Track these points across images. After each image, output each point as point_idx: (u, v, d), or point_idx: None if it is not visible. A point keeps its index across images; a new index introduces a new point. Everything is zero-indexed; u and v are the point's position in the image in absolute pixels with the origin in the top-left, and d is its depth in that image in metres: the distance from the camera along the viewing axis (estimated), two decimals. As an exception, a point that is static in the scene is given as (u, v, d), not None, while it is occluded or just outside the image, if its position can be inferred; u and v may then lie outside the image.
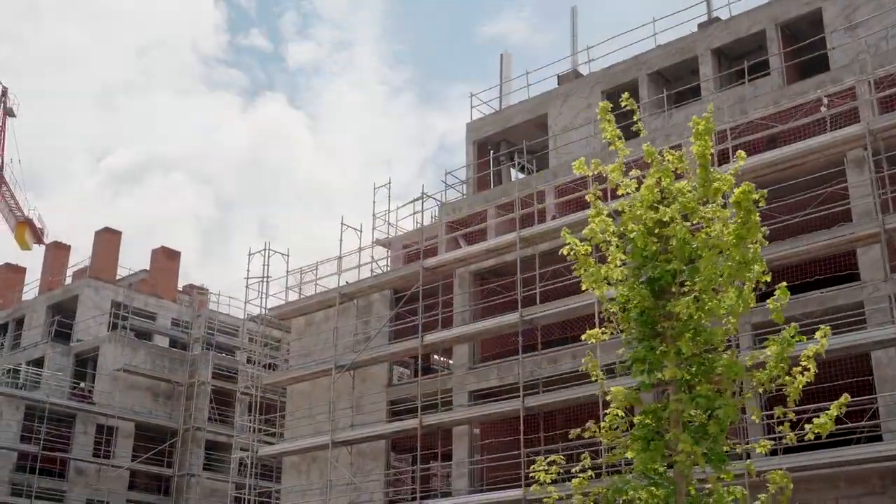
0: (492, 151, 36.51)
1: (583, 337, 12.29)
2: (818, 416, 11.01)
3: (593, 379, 12.07)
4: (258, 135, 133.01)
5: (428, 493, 28.60)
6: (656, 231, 11.30)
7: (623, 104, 13.46)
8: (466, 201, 33.21)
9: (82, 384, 45.76)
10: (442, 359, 33.63)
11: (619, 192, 11.97)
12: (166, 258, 52.62)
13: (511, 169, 36.89)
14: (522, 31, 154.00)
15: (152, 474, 46.39)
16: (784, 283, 11.39)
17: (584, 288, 11.75)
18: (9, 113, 70.69)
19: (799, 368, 11.08)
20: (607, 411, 11.63)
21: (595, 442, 25.25)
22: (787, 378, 10.95)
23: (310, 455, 31.13)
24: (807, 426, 11.01)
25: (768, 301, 11.43)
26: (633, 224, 11.23)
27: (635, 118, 13.07)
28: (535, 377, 26.29)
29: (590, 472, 12.01)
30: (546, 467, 12.51)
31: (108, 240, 50.69)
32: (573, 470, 12.43)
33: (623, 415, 11.48)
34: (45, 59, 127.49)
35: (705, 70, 30.60)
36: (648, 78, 31.88)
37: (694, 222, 11.40)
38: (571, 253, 11.62)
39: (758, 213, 11.11)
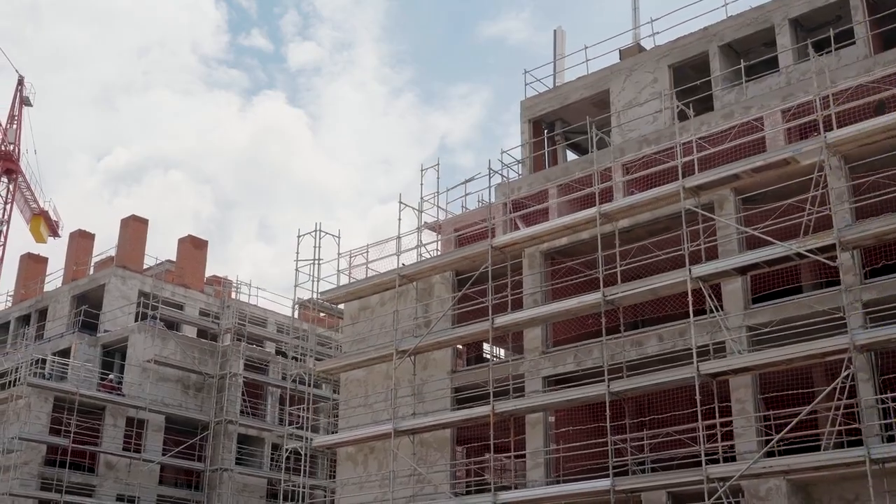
0: (546, 131, 34.73)
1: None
2: None
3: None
4: (258, 133, 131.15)
5: (499, 485, 26.70)
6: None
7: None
8: (525, 180, 31.35)
9: (111, 376, 43.78)
10: (493, 347, 31.77)
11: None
12: (193, 247, 50.69)
13: (566, 149, 35.07)
14: (523, 32, 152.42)
15: (183, 468, 44.45)
16: None
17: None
18: (25, 102, 68.78)
19: None
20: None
21: (691, 428, 23.63)
22: None
23: (367, 446, 29.24)
24: None
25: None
26: None
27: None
28: (620, 360, 24.43)
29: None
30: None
31: (134, 228, 48.77)
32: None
33: None
34: (46, 59, 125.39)
35: (783, 40, 28.80)
36: (720, 50, 30.10)
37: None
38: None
39: None
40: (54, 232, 71.99)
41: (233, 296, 49.76)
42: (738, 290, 23.65)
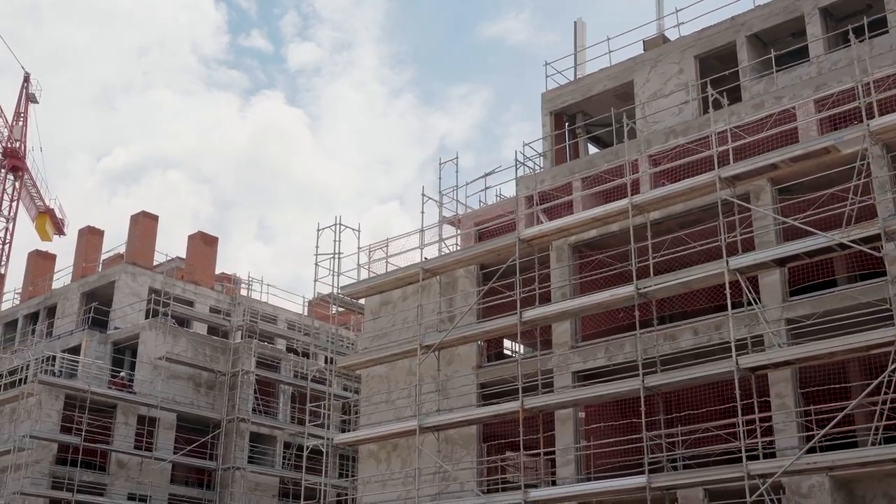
0: (567, 123, 34.07)
1: None
2: None
3: None
4: (257, 133, 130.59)
5: (526, 483, 25.98)
6: None
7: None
8: (548, 173, 30.69)
9: (123, 373, 43.06)
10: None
11: None
12: (203, 244, 49.99)
13: (587, 142, 34.43)
14: (523, 32, 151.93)
15: (194, 467, 43.72)
16: None
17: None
18: (31, 99, 68.19)
19: None
20: None
21: (727, 424, 22.96)
22: None
23: (390, 443, 28.57)
24: None
25: None
26: None
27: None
28: (653, 355, 23.77)
29: None
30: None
31: (144, 224, 48.05)
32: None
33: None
34: (46, 59, 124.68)
35: (813, 30, 28.16)
36: (748, 40, 29.45)
37: None
38: None
39: None
40: (60, 230, 71.38)
41: (243, 293, 49.05)
42: (776, 282, 23.00)
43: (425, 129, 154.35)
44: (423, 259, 28.98)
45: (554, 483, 25.18)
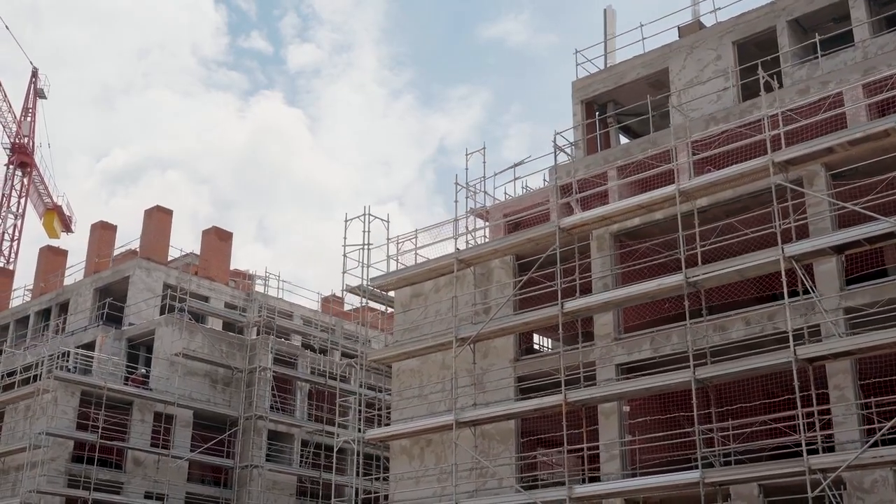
0: (598, 113, 33.17)
1: None
2: None
3: None
4: (257, 134, 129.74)
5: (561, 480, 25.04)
6: None
7: None
8: (582, 163, 29.78)
9: (142, 370, 42.02)
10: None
11: None
12: (218, 239, 49.01)
13: (618, 132, 33.51)
14: (522, 33, 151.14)
15: (210, 465, 42.73)
16: None
17: None
18: (39, 94, 67.22)
19: None
20: None
21: (786, 417, 22.05)
22: None
23: (423, 438, 27.62)
24: None
25: None
26: None
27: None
28: (703, 346, 22.84)
29: None
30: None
31: (159, 219, 47.08)
32: None
33: None
34: (46, 60, 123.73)
35: (857, 14, 27.26)
36: (788, 25, 28.56)
37: None
38: None
39: None
40: (67, 227, 70.51)
41: (259, 289, 48.06)
42: (832, 270, 22.10)
43: (425, 131, 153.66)
44: (456, 249, 28.05)
45: (597, 479, 24.20)
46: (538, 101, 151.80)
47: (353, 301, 54.63)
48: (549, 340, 33.74)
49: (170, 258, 48.78)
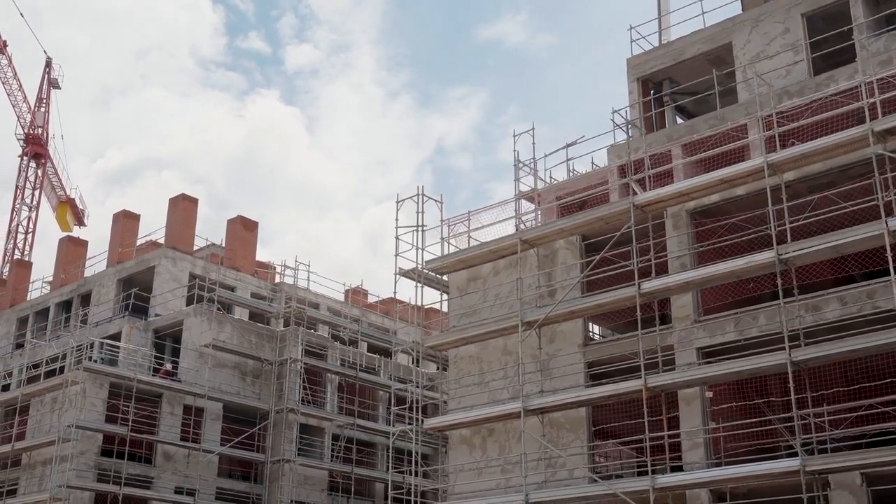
0: (653, 91, 31.72)
1: None
2: None
3: None
4: (254, 134, 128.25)
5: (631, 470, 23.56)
6: None
7: None
8: (643, 141, 28.30)
9: (168, 365, 40.38)
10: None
11: None
12: (244, 229, 47.38)
13: (674, 111, 32.04)
14: (520, 34, 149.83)
15: (239, 460, 41.13)
16: None
17: None
18: (53, 84, 65.54)
19: None
20: None
21: (891, 401, 20.58)
22: None
23: (485, 428, 26.11)
24: None
25: None
26: None
27: None
28: (797, 327, 21.35)
29: None
30: None
31: (184, 208, 45.45)
32: None
33: None
34: (34, 67, 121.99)
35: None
36: (862, -3, 27.14)
37: None
38: None
39: None
40: (80, 221, 68.89)
41: (287, 279, 46.44)
42: (937, 245, 20.64)
43: (423, 131, 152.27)
44: (520, 229, 26.57)
45: (679, 469, 22.70)
46: (536, 101, 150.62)
47: (377, 293, 53.26)
48: (596, 327, 32.24)
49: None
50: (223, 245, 47.34)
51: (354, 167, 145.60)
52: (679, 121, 31.97)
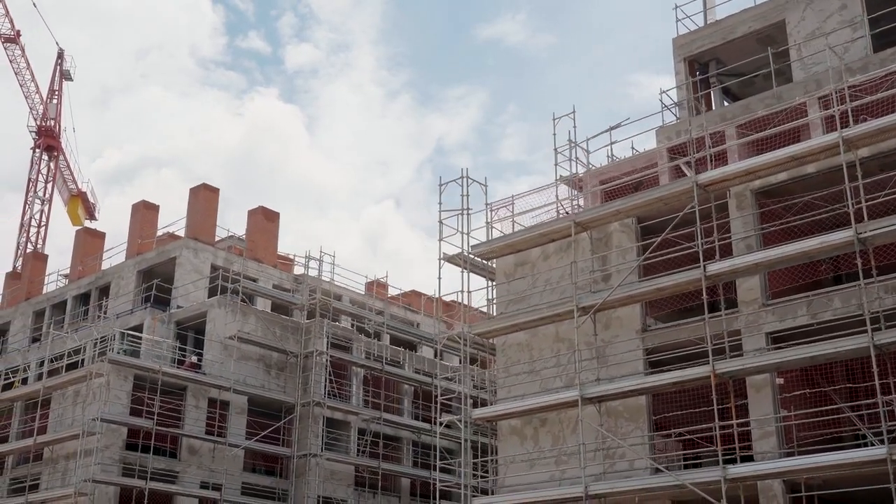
0: (698, 72, 30.59)
1: None
2: None
3: None
4: (254, 134, 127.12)
5: (709, 457, 22.43)
6: None
7: None
8: (693, 122, 27.14)
9: (193, 358, 39.16)
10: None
11: None
12: (265, 219, 46.18)
13: (720, 92, 30.89)
14: (520, 34, 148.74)
15: (265, 454, 39.91)
16: None
17: None
18: (66, 76, 64.29)
19: None
20: None
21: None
22: None
23: (537, 418, 24.94)
24: None
25: None
26: None
27: None
28: (877, 309, 20.21)
29: None
30: None
31: (205, 198, 44.21)
32: None
33: None
34: (46, 60, 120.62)
35: None
36: (925, -30, 26.03)
37: None
38: None
39: None
40: (91, 215, 67.67)
41: (311, 271, 45.20)
42: None
43: (422, 131, 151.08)
44: (569, 211, 25.42)
45: (749, 459, 21.54)
46: (536, 101, 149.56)
47: (397, 285, 52.01)
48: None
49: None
50: (243, 237, 46.11)
51: (354, 167, 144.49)
52: (725, 103, 30.87)
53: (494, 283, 26.98)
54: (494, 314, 26.73)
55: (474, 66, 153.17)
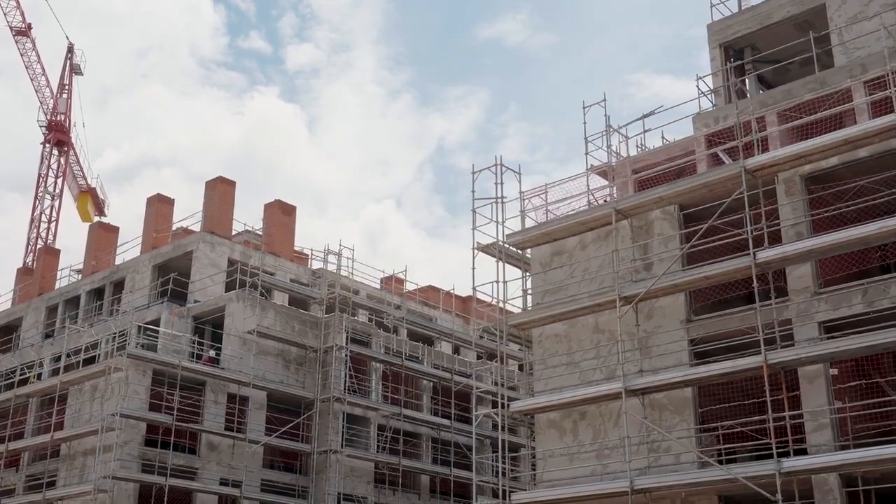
0: (732, 59, 29.82)
1: None
2: None
3: None
4: (253, 130, 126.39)
5: (764, 451, 21.62)
6: None
7: None
8: (730, 108, 26.39)
9: (212, 352, 38.34)
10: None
11: None
12: (282, 213, 45.37)
13: (756, 78, 30.12)
14: (520, 33, 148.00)
15: (284, 450, 39.11)
16: None
17: None
18: (76, 70, 63.48)
19: None
20: None
21: None
22: None
23: (576, 411, 24.15)
24: None
25: None
26: None
27: None
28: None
29: None
30: None
31: (222, 191, 43.39)
32: None
33: None
34: (46, 61, 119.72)
35: None
36: (973, -48, 25.26)
37: None
38: None
39: None
40: (100, 211, 66.95)
41: (330, 265, 44.37)
42: None
43: (423, 131, 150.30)
44: (604, 200, 24.65)
45: (803, 452, 20.76)
46: (537, 100, 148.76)
47: (414, 281, 51.18)
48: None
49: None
50: (260, 231, 45.36)
51: (354, 166, 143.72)
52: (760, 91, 30.10)
53: (530, 274, 26.13)
54: (529, 306, 25.88)
55: (475, 66, 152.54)
